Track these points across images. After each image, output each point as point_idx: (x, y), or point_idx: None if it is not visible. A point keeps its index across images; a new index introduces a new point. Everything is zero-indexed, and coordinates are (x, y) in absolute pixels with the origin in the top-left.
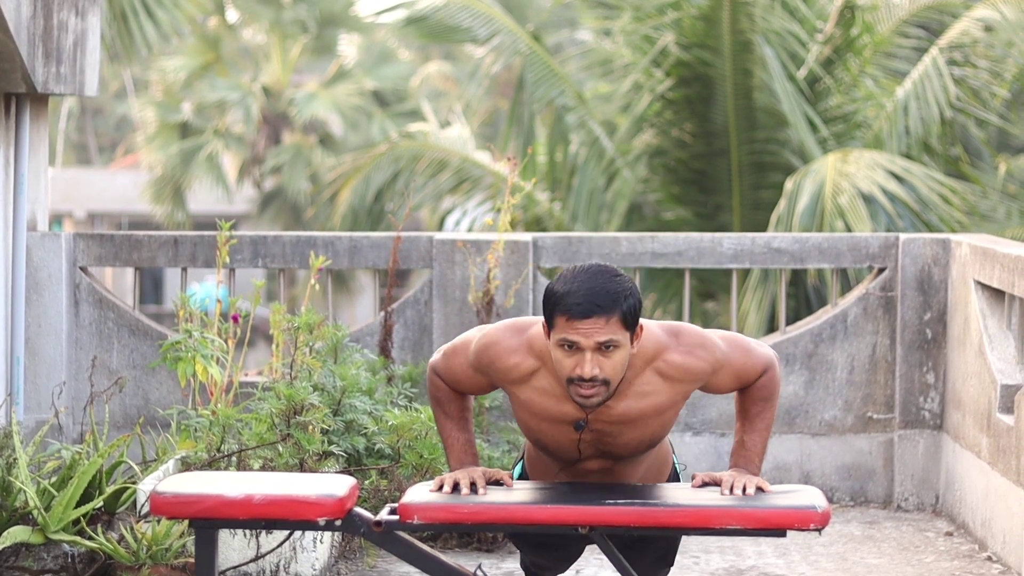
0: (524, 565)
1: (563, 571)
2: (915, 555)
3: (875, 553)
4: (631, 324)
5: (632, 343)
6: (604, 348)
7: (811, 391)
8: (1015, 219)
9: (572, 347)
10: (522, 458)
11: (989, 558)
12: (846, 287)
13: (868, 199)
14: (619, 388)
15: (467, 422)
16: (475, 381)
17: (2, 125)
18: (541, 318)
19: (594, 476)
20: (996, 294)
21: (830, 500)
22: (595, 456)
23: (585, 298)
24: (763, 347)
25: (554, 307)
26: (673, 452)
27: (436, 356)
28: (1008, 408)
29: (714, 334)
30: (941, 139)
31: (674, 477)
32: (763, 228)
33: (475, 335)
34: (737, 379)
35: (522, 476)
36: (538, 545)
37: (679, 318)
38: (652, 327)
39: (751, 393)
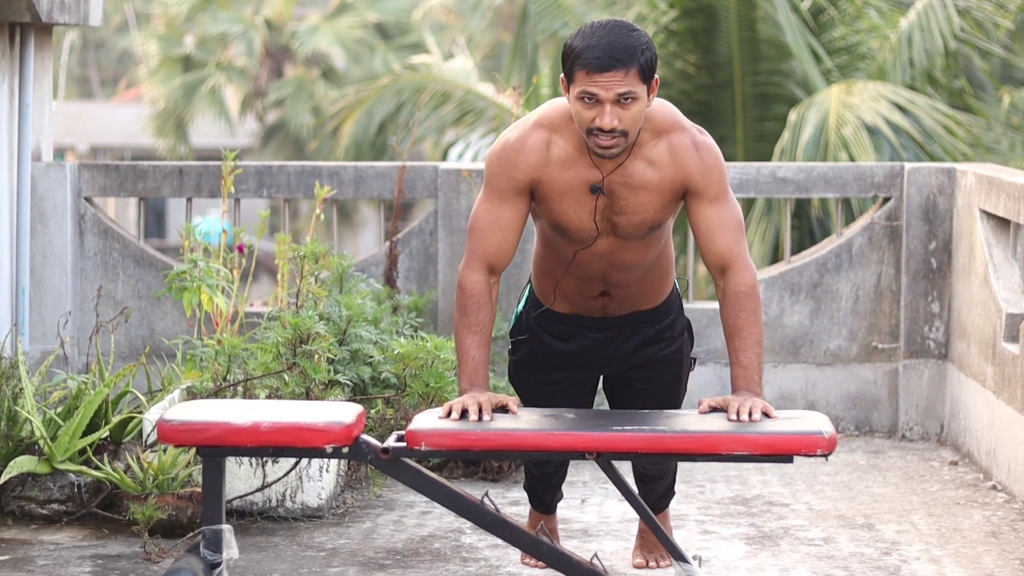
0: (528, 488)
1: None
2: (920, 484)
3: (880, 482)
4: (648, 77)
5: (648, 96)
6: (623, 100)
7: (816, 321)
8: (1019, 151)
9: (592, 99)
10: (527, 284)
11: (994, 487)
12: (850, 219)
13: (872, 130)
14: (632, 149)
15: (486, 339)
16: (503, 212)
17: (6, 55)
18: (533, 114)
19: (600, 263)
20: (1001, 223)
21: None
22: (606, 233)
23: (604, 52)
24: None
25: (574, 61)
26: (676, 276)
27: (462, 263)
28: (1013, 337)
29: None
30: (945, 71)
31: (676, 295)
32: (767, 160)
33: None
34: (717, 220)
35: (528, 301)
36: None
37: (683, 249)
38: (678, 112)
39: (736, 300)
